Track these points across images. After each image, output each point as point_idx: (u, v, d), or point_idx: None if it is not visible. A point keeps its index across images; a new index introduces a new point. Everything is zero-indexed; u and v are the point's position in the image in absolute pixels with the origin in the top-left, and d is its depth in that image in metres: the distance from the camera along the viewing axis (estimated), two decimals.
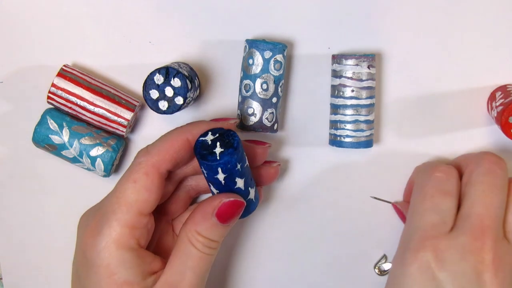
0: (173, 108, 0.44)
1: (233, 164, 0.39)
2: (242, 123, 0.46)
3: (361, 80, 0.45)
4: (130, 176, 0.40)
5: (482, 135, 0.49)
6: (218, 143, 0.39)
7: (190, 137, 0.41)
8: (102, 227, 0.40)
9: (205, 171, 0.40)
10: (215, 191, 0.41)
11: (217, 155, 0.39)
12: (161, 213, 0.45)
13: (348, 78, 0.45)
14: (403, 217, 0.48)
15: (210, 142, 0.40)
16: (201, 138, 0.40)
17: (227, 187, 0.40)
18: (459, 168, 0.45)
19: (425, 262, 0.40)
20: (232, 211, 0.40)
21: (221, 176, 0.39)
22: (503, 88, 0.47)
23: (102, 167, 0.46)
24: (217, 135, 0.40)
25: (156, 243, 0.45)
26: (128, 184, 0.40)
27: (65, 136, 0.46)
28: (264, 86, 0.45)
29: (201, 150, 0.39)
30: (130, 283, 0.39)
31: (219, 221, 0.40)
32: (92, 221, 0.41)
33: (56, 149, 0.46)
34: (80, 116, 0.46)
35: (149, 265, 0.41)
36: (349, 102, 0.46)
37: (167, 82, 0.44)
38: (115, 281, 0.39)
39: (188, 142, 0.41)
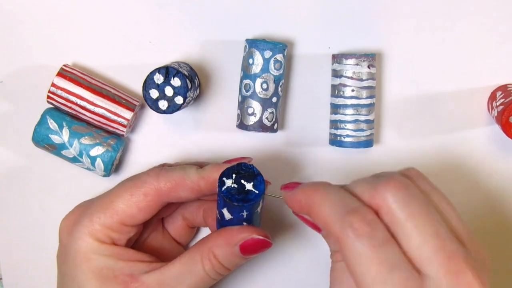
0: (173, 108, 0.44)
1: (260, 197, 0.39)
2: (242, 122, 0.46)
3: (361, 80, 0.45)
4: (131, 188, 0.41)
5: (482, 135, 0.49)
6: (242, 181, 0.39)
7: (201, 183, 0.41)
8: (82, 219, 0.41)
9: (229, 211, 0.40)
10: (227, 217, 0.40)
11: (253, 192, 0.39)
12: None
13: (348, 77, 0.45)
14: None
15: (235, 185, 0.39)
16: (225, 187, 0.39)
17: (241, 221, 0.40)
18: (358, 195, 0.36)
19: None
20: (258, 249, 0.40)
21: (245, 213, 0.39)
22: (503, 88, 0.47)
23: (102, 166, 0.46)
24: (235, 173, 0.39)
25: (145, 240, 0.45)
26: (123, 193, 0.41)
27: (65, 135, 0.46)
28: (264, 85, 0.45)
29: (232, 195, 0.39)
30: (109, 268, 0.40)
31: (240, 253, 0.39)
32: (77, 210, 0.42)
33: (56, 149, 0.46)
34: (80, 116, 0.46)
35: (131, 257, 0.41)
36: (349, 101, 0.46)
37: (167, 82, 0.44)
38: (94, 266, 0.40)
39: (198, 186, 0.41)
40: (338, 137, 0.46)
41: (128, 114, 0.46)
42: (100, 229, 0.40)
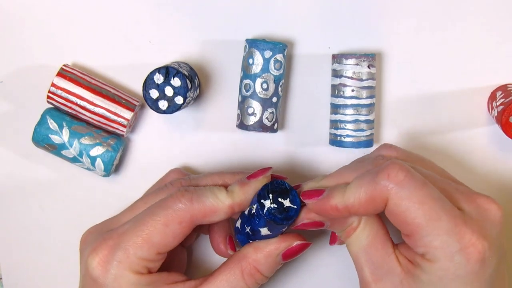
0: (173, 108, 0.44)
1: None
2: (242, 122, 0.46)
3: (361, 80, 0.45)
4: (164, 218, 0.40)
5: (482, 135, 0.49)
6: (279, 199, 0.40)
7: (236, 208, 0.41)
8: (116, 253, 0.40)
9: (269, 229, 0.40)
10: (264, 233, 0.41)
11: (292, 208, 0.40)
12: None
13: (348, 77, 0.45)
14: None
15: (275, 205, 0.40)
16: (266, 209, 0.39)
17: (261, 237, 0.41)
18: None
19: None
20: (299, 252, 0.41)
21: (284, 229, 0.41)
22: (503, 88, 0.47)
23: (102, 167, 0.46)
24: (271, 194, 0.40)
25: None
26: (158, 224, 0.40)
27: (65, 136, 0.46)
28: (264, 85, 0.45)
29: (275, 216, 0.39)
30: None
31: (282, 260, 0.41)
32: (106, 245, 0.40)
33: (56, 149, 0.46)
34: (80, 115, 0.46)
35: (167, 280, 0.41)
36: (349, 101, 0.46)
37: (167, 82, 0.44)
38: None
39: (232, 211, 0.41)
40: (338, 137, 0.46)
41: (128, 114, 0.46)
42: (137, 261, 0.40)
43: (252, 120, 0.46)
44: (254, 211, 0.40)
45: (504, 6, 0.48)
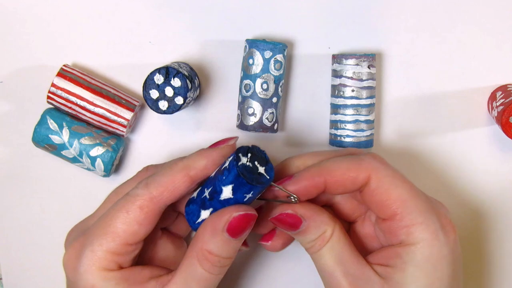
0: (173, 108, 0.44)
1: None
2: (242, 123, 0.46)
3: (361, 80, 0.45)
4: (124, 206, 0.39)
5: (482, 135, 0.49)
6: (256, 163, 0.39)
7: (191, 172, 0.40)
8: (84, 250, 0.39)
9: (233, 189, 0.38)
10: (225, 196, 0.39)
11: (264, 177, 0.38)
12: None
13: (349, 78, 0.45)
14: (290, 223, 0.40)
15: (250, 164, 0.38)
16: (240, 163, 0.38)
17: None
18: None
19: None
20: (245, 225, 0.38)
21: (248, 196, 0.38)
22: (503, 88, 0.47)
23: (102, 167, 0.46)
24: (249, 154, 0.39)
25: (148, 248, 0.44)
26: (119, 213, 0.39)
27: (65, 136, 0.46)
28: (264, 86, 0.45)
29: (247, 174, 0.38)
30: None
31: (230, 236, 0.38)
32: (76, 243, 0.40)
33: (56, 149, 0.46)
34: (80, 116, 0.46)
35: (139, 276, 0.40)
36: (349, 102, 0.46)
37: (167, 82, 0.44)
38: None
39: (189, 177, 0.40)
40: (338, 137, 0.46)
41: (128, 114, 0.46)
42: (104, 256, 0.39)
43: (252, 120, 0.46)
44: (227, 164, 0.38)
45: (504, 6, 0.48)
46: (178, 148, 0.49)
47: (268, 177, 0.38)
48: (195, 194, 0.41)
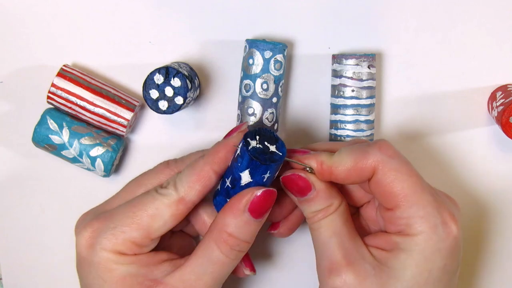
0: (173, 108, 0.44)
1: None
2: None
3: (362, 80, 0.45)
4: (153, 202, 0.40)
5: (482, 135, 0.49)
6: (265, 143, 0.39)
7: (216, 167, 0.40)
8: (105, 230, 0.40)
9: (251, 172, 0.39)
10: (245, 181, 0.39)
11: (277, 154, 0.39)
12: None
13: (349, 78, 0.45)
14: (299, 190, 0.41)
15: (260, 146, 0.39)
16: (251, 147, 0.38)
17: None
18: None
19: None
20: (266, 202, 0.39)
21: (267, 176, 0.39)
22: (503, 88, 0.47)
23: (102, 167, 0.46)
24: (258, 136, 0.39)
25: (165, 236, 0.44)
26: (148, 207, 0.40)
27: (65, 136, 0.46)
28: (264, 86, 0.45)
29: (259, 155, 0.38)
30: (133, 276, 0.39)
31: (252, 217, 0.38)
32: (96, 222, 0.40)
33: (56, 149, 0.46)
34: (80, 116, 0.46)
35: (153, 260, 0.40)
36: (349, 102, 0.46)
37: (167, 82, 0.44)
38: (117, 275, 0.39)
39: (214, 172, 0.40)
40: (338, 138, 0.46)
41: (128, 115, 0.46)
42: (123, 242, 0.39)
43: (252, 120, 0.46)
44: (239, 151, 0.39)
45: (504, 6, 0.48)
46: (178, 148, 0.49)
47: (280, 154, 0.39)
48: (218, 187, 0.42)
